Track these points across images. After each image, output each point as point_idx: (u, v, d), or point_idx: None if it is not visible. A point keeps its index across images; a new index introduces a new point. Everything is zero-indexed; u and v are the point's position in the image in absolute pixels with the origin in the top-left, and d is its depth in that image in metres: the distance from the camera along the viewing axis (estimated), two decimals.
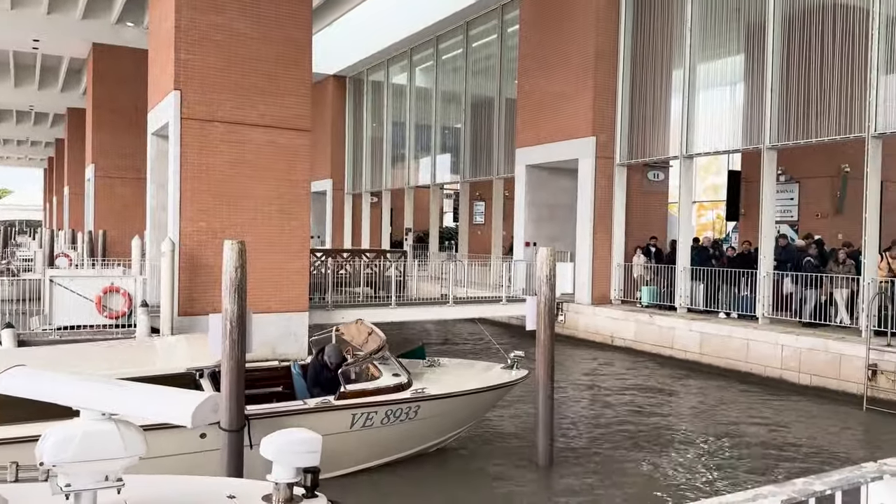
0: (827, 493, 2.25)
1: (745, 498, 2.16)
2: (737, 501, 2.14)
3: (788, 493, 2.19)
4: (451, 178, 27.87)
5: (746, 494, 2.19)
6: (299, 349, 13.56)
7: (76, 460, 3.23)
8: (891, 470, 2.24)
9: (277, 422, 7.52)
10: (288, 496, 3.81)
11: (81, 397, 3.52)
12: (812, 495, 2.21)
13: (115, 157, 26.15)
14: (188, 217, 13.37)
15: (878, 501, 2.25)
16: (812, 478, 2.30)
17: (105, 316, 13.26)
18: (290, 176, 14.24)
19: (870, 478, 2.24)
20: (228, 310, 7.54)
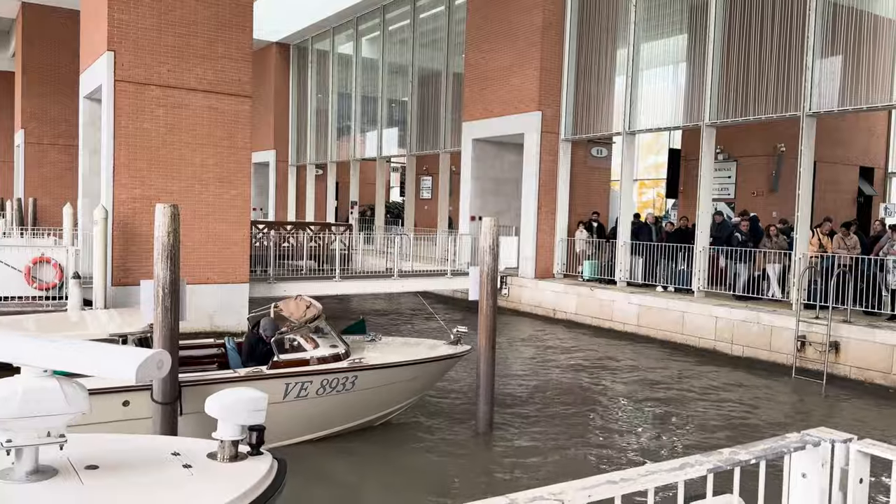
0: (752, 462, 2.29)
1: (673, 466, 2.18)
2: (665, 469, 2.16)
3: (714, 463, 2.22)
4: (397, 151, 27.64)
5: (674, 463, 2.21)
6: (239, 321, 13.32)
7: (18, 416, 3.20)
8: (812, 440, 2.30)
9: (209, 389, 7.37)
10: (233, 453, 3.81)
11: (23, 354, 3.45)
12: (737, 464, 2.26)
13: (47, 123, 25.05)
14: (122, 184, 12.91)
15: (799, 470, 2.32)
16: (738, 448, 2.34)
17: (35, 287, 12.76)
18: (230, 143, 13.87)
19: (793, 448, 2.29)
20: (160, 276, 7.32)
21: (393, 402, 9.12)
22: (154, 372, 3.48)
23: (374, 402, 8.83)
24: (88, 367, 3.88)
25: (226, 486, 3.54)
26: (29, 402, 3.26)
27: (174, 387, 7.29)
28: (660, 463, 2.21)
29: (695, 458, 2.24)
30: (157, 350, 3.64)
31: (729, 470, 2.25)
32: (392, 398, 9.04)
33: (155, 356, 3.48)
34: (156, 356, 3.48)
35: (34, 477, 3.33)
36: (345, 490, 7.37)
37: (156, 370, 3.49)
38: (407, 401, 9.32)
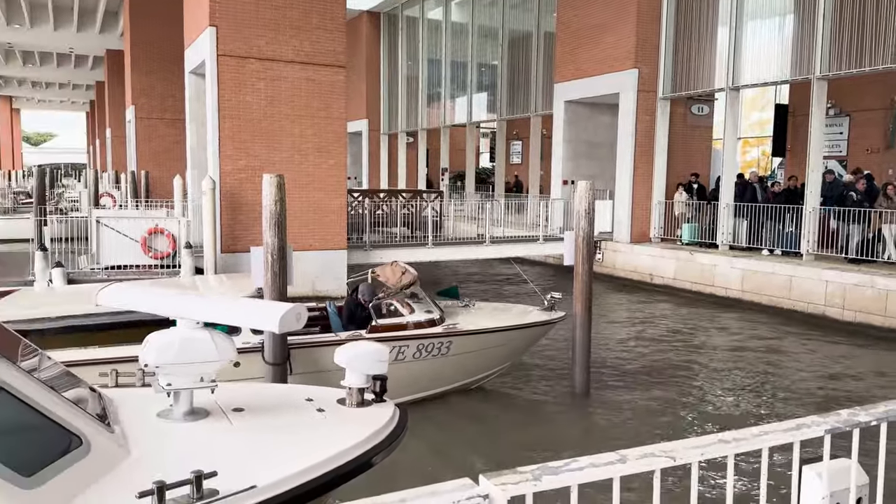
0: (872, 424, 2.22)
1: (788, 427, 2.15)
2: (780, 430, 2.13)
3: (832, 424, 2.17)
4: (487, 116, 27.47)
5: (789, 423, 2.17)
6: (338, 287, 13.77)
7: (176, 362, 3.60)
8: None
9: (315, 352, 7.74)
10: (360, 399, 4.14)
11: (179, 308, 3.85)
12: (856, 426, 2.19)
13: (155, 98, 26.34)
14: (227, 155, 13.48)
15: None
16: (857, 409, 2.27)
17: (150, 256, 13.57)
18: (327, 113, 14.20)
19: None
20: (269, 243, 7.67)
21: (487, 367, 9.25)
22: (293, 323, 3.81)
23: (469, 366, 8.98)
24: (237, 319, 4.32)
25: (357, 428, 3.82)
26: (185, 350, 3.64)
27: (284, 349, 7.67)
28: (776, 423, 2.18)
29: (811, 419, 2.19)
30: (296, 304, 3.94)
31: (848, 432, 2.19)
32: (486, 363, 9.17)
33: (295, 308, 3.81)
34: (296, 308, 3.82)
35: (190, 417, 3.71)
36: (444, 448, 7.58)
37: (295, 322, 3.80)
38: (500, 366, 9.42)
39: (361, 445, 3.67)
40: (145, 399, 3.87)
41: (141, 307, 4.26)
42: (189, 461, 3.01)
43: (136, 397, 3.99)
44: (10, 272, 13.06)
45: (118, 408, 3.72)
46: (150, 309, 4.11)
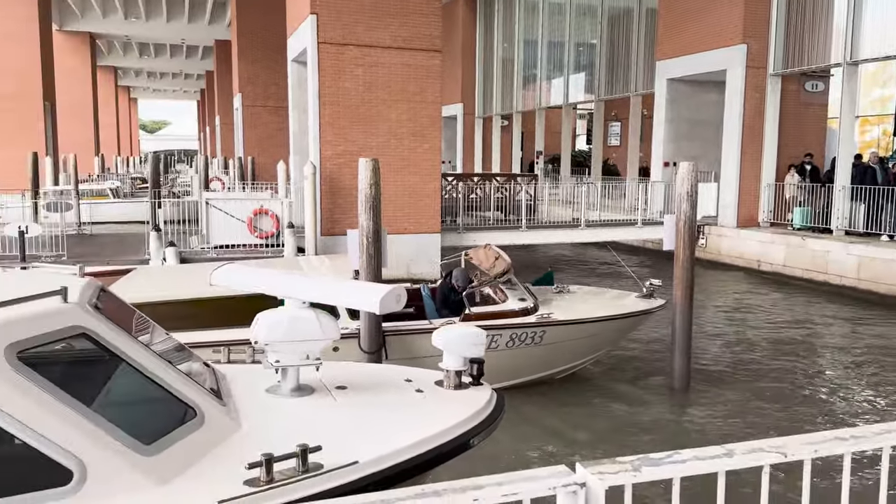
0: None
1: None
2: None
3: None
4: (584, 97, 26.89)
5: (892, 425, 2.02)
6: (432, 269, 13.92)
7: (284, 340, 3.77)
8: None
9: (408, 339, 7.85)
10: (457, 382, 4.18)
11: (286, 288, 4.03)
12: None
13: (260, 86, 27.35)
14: (327, 141, 13.84)
15: None
16: None
17: (256, 236, 14.14)
18: (422, 98, 14.30)
19: None
20: (364, 226, 7.83)
21: (580, 356, 9.09)
22: (393, 304, 3.90)
23: (562, 355, 8.85)
24: (340, 299, 4.54)
25: (455, 409, 3.87)
26: (292, 328, 3.81)
27: (380, 336, 7.82)
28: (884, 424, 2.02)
29: None
30: (397, 286, 4.02)
31: None
32: (580, 352, 9.01)
33: (395, 290, 3.91)
34: (396, 290, 3.91)
35: (296, 393, 3.86)
36: (536, 436, 7.54)
37: (395, 303, 3.90)
38: (594, 354, 9.24)
39: (460, 426, 3.70)
40: (255, 375, 4.06)
41: (251, 287, 4.47)
42: (295, 435, 3.12)
43: (246, 373, 4.19)
44: (128, 251, 13.94)
45: (230, 382, 3.92)
46: (260, 288, 4.30)
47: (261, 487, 2.81)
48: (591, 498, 1.61)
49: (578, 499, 1.60)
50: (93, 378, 3.18)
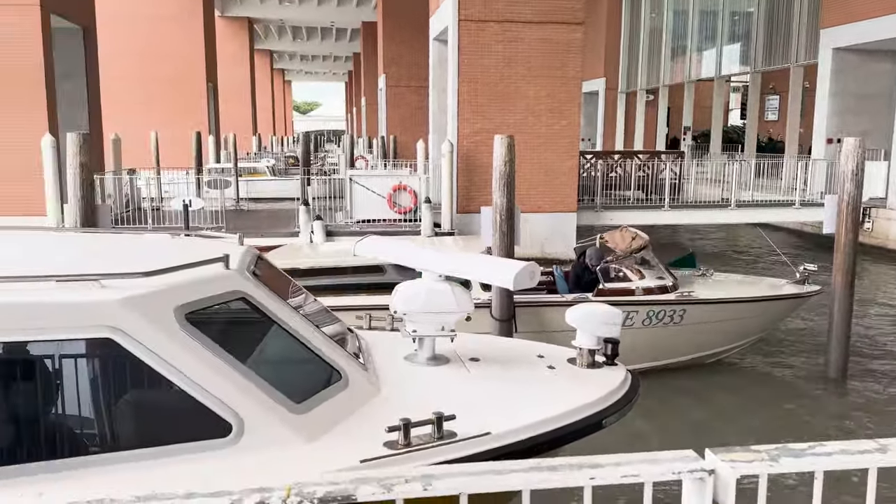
0: None
1: None
2: None
3: None
4: (739, 68, 25.22)
5: None
6: (567, 249, 13.68)
7: (422, 311, 3.93)
8: None
9: (539, 312, 7.79)
10: (591, 361, 4.15)
11: (423, 261, 4.19)
12: None
13: (403, 67, 27.95)
14: (465, 119, 13.93)
15: None
16: None
17: (395, 211, 14.55)
18: (562, 73, 14.01)
19: None
20: (498, 203, 7.83)
21: (725, 341, 8.61)
22: (527, 281, 3.97)
23: (704, 339, 8.43)
24: (475, 274, 4.68)
25: (588, 388, 3.84)
26: (430, 300, 3.95)
27: (510, 307, 7.83)
28: None
29: None
30: (530, 262, 4.03)
31: None
32: (724, 337, 8.53)
33: (529, 267, 3.96)
34: (530, 267, 3.97)
35: (432, 362, 4.00)
36: (669, 422, 7.26)
37: (528, 280, 3.97)
38: (741, 341, 8.72)
39: (592, 406, 3.66)
40: (394, 342, 4.23)
41: (391, 258, 4.65)
42: (430, 403, 3.23)
43: (385, 340, 4.37)
44: (280, 225, 14.81)
45: (371, 348, 4.11)
46: (399, 259, 4.47)
47: (399, 450, 2.94)
48: (719, 486, 1.51)
49: (706, 486, 1.51)
50: (249, 339, 3.42)
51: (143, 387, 2.92)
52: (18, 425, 2.81)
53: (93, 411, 2.89)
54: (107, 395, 2.93)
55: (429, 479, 1.45)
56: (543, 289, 9.15)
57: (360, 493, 1.42)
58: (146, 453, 2.73)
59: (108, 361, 2.85)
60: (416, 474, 1.46)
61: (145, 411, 2.99)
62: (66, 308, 2.73)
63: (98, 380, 2.92)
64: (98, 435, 2.90)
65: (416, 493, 1.43)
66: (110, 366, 2.88)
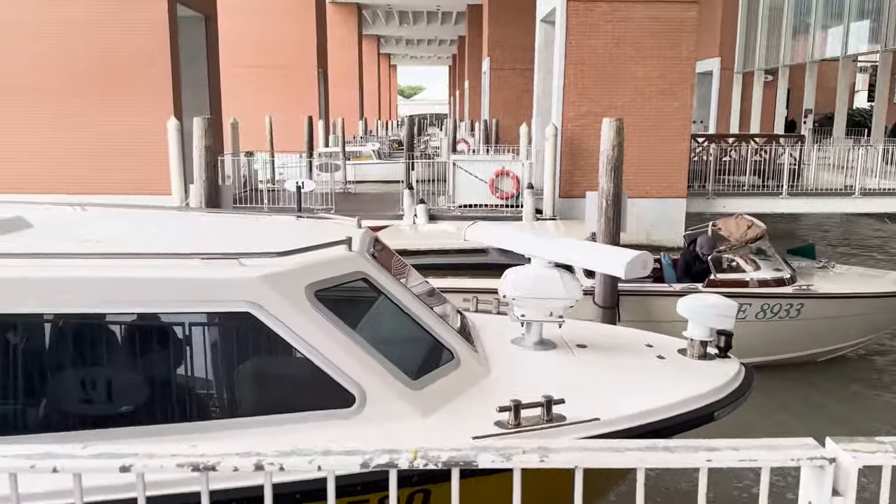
0: None
1: None
2: None
3: None
4: (867, 47, 23.49)
5: None
6: (674, 237, 13.31)
7: (530, 296, 4.00)
8: None
9: (645, 300, 7.64)
10: (702, 352, 4.08)
11: (533, 247, 4.21)
12: None
13: (508, 49, 27.79)
14: (570, 101, 13.76)
15: None
16: None
17: (497, 196, 14.60)
18: (674, 53, 13.55)
19: None
20: (604, 188, 7.73)
21: (844, 338, 8.15)
22: (639, 270, 3.95)
23: (822, 335, 8.00)
24: (585, 261, 4.64)
25: (699, 380, 3.78)
26: (538, 286, 4.00)
27: (614, 294, 7.73)
28: None
29: None
30: (643, 252, 4.01)
31: None
32: (844, 334, 8.08)
33: (641, 256, 3.94)
34: (642, 256, 3.94)
35: (539, 346, 4.07)
36: (786, 421, 6.98)
37: (640, 269, 3.96)
38: (861, 338, 8.24)
39: (703, 398, 3.60)
40: (501, 325, 4.32)
41: (501, 243, 4.72)
42: (538, 386, 3.30)
43: (493, 323, 4.46)
44: (384, 208, 15.20)
45: (479, 330, 4.21)
46: (509, 245, 4.54)
47: (509, 430, 3.02)
48: (840, 476, 1.50)
49: (825, 475, 1.50)
50: (368, 318, 3.60)
51: (275, 358, 3.17)
52: (164, 389, 3.11)
53: (230, 378, 3.15)
54: (243, 364, 3.18)
55: (546, 451, 1.51)
56: (650, 277, 8.96)
57: (480, 460, 1.50)
58: (277, 419, 2.96)
59: (245, 333, 3.10)
60: (534, 446, 1.53)
61: (277, 380, 3.24)
62: (211, 283, 2.98)
63: (236, 350, 3.19)
64: (234, 400, 3.16)
65: (533, 464, 1.49)
66: (247, 337, 3.12)
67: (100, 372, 3.08)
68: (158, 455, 1.46)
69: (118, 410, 3.04)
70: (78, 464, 1.42)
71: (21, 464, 1.40)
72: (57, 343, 3.08)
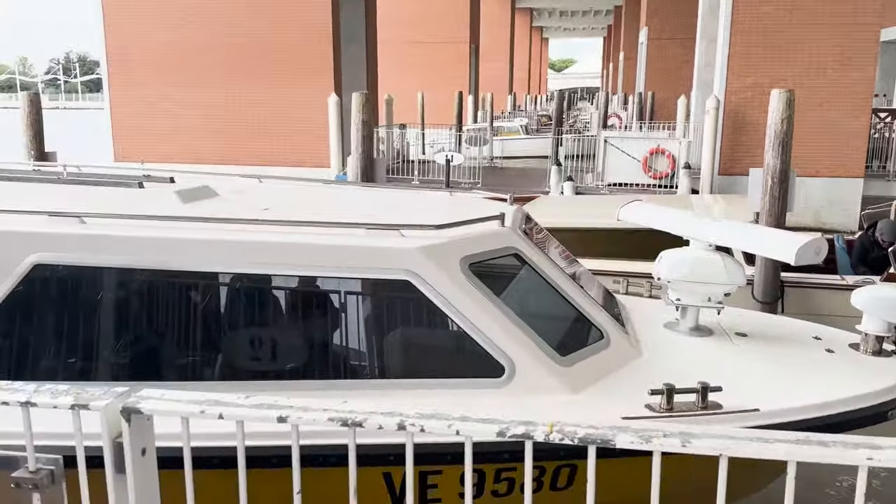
0: None
1: None
2: None
3: None
4: None
5: None
6: (847, 220, 12.22)
7: (686, 280, 3.86)
8: None
9: (813, 293, 7.07)
10: (877, 348, 3.77)
11: (692, 229, 4.07)
12: None
13: (667, 18, 26.53)
14: (735, 72, 12.92)
15: None
16: None
17: (650, 176, 14.08)
18: (853, 19, 12.29)
19: None
20: (770, 165, 7.22)
21: None
22: (812, 256, 3.68)
23: None
24: (751, 245, 4.37)
25: (872, 376, 3.52)
26: (695, 270, 3.85)
27: (776, 286, 7.21)
28: None
29: None
30: (817, 237, 3.75)
31: None
32: None
33: (815, 241, 3.67)
34: (816, 241, 3.67)
35: (694, 333, 3.92)
36: None
37: (814, 255, 3.69)
38: None
39: (877, 395, 3.34)
40: (653, 309, 4.22)
41: (657, 224, 4.53)
42: (693, 372, 3.22)
43: (645, 306, 4.36)
44: (531, 183, 15.14)
45: (630, 313, 4.13)
46: (666, 226, 4.35)
47: (660, 413, 2.97)
48: None
49: None
50: (519, 293, 3.65)
51: (429, 326, 3.31)
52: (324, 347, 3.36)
53: (385, 342, 3.33)
54: (397, 329, 3.35)
55: (688, 436, 1.46)
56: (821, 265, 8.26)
57: (618, 440, 1.48)
58: (426, 383, 3.10)
59: (402, 300, 3.26)
60: (676, 430, 1.48)
61: (428, 347, 3.39)
62: (374, 252, 3.16)
63: (394, 315, 3.37)
64: (388, 362, 3.35)
65: (674, 448, 1.45)
66: (403, 304, 3.29)
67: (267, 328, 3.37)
68: (312, 409, 1.57)
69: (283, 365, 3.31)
70: (241, 412, 1.57)
71: (192, 409, 1.57)
72: (231, 300, 3.40)
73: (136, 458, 1.58)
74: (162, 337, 3.27)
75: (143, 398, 1.59)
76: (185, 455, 1.61)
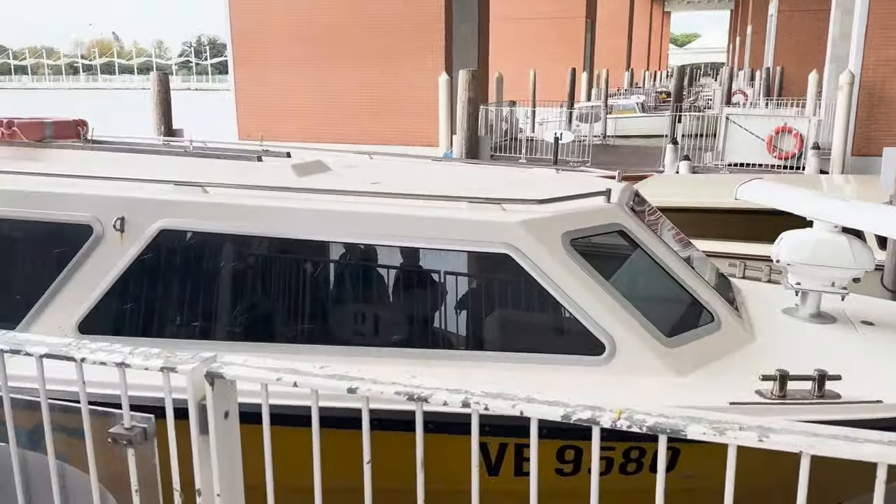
0: None
1: None
2: None
3: None
4: None
5: None
6: None
7: (808, 263, 3.64)
8: None
9: None
10: None
11: (815, 209, 3.83)
12: None
13: None
14: (874, 45, 11.91)
15: None
16: None
17: (774, 156, 13.28)
18: None
19: None
20: None
21: None
22: None
23: None
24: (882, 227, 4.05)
25: None
26: (818, 252, 3.60)
27: None
28: None
29: None
30: None
31: None
32: None
33: None
34: None
35: (815, 319, 3.68)
36: None
37: None
38: None
39: None
40: (771, 294, 4.00)
41: (778, 204, 4.26)
42: (810, 360, 3.03)
43: (762, 291, 4.14)
44: (643, 163, 14.62)
45: (745, 297, 3.94)
46: (789, 206, 4.08)
47: (772, 400, 2.83)
48: None
49: None
50: (625, 271, 3.56)
51: (528, 300, 3.28)
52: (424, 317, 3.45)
53: (484, 314, 3.36)
54: (497, 302, 3.37)
55: (766, 431, 1.37)
56: None
57: (689, 431, 1.41)
58: (524, 357, 3.09)
59: (502, 274, 3.27)
60: (753, 423, 1.40)
61: (527, 321, 3.36)
62: (475, 225, 3.17)
63: (493, 289, 3.40)
64: (486, 334, 3.36)
65: (751, 443, 1.37)
66: (503, 278, 3.29)
67: (370, 296, 3.50)
68: (381, 381, 1.60)
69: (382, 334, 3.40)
70: (315, 381, 1.63)
71: (270, 376, 1.64)
72: (338, 268, 3.57)
73: (219, 420, 1.68)
74: (274, 301, 3.45)
75: (226, 364, 1.68)
76: (264, 416, 1.70)
